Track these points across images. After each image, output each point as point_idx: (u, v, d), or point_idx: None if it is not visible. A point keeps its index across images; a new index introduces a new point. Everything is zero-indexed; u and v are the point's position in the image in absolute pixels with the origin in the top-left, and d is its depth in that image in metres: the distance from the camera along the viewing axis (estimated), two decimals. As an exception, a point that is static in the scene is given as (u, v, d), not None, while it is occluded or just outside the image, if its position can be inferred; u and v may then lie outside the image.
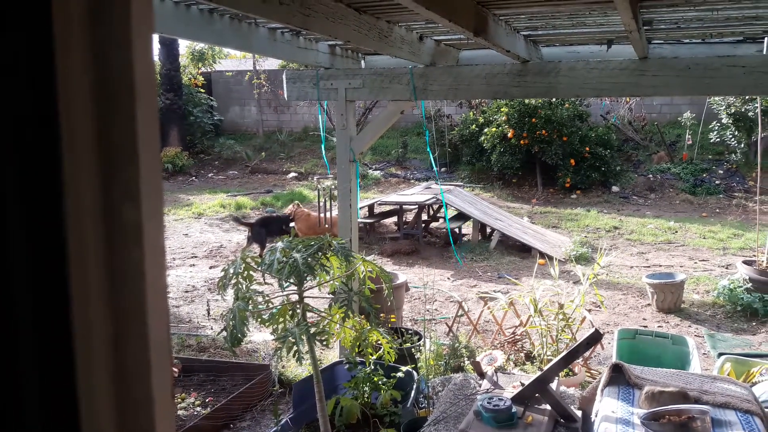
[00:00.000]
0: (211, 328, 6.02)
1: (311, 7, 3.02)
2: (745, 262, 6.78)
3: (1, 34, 0.36)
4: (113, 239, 0.40)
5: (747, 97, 11.93)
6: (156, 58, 17.72)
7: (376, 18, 3.63)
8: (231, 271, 3.02)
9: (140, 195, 0.39)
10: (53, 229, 0.38)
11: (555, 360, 2.98)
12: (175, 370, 4.45)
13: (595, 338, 2.96)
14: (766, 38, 4.09)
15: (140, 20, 0.39)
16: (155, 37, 21.00)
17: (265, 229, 8.60)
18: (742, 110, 12.45)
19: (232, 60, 21.80)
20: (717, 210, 11.75)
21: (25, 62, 0.37)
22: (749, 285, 6.38)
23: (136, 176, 0.39)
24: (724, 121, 13.06)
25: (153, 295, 0.42)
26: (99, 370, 0.41)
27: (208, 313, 6.42)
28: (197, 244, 9.61)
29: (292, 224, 8.54)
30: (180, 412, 4.17)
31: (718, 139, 13.52)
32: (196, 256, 8.90)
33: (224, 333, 2.84)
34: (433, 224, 10.20)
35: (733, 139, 13.21)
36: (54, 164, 0.37)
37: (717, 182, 13.12)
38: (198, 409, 4.21)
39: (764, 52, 4.09)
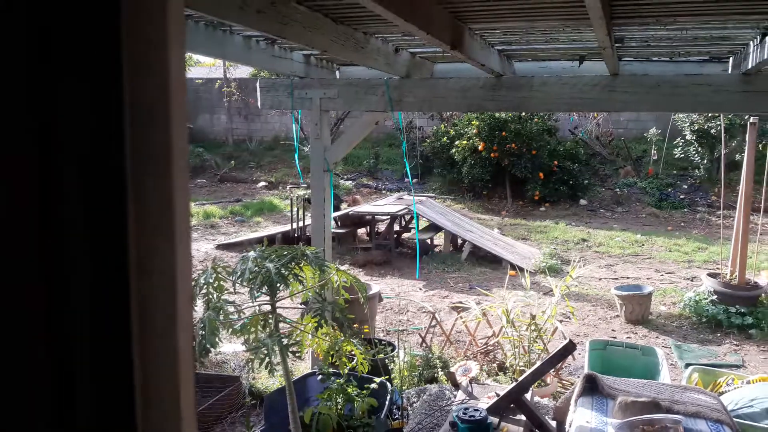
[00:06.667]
0: (180, 339, 5.90)
1: (288, 16, 3.01)
2: (710, 275, 6.95)
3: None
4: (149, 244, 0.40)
5: (710, 115, 12.28)
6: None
7: (353, 29, 3.64)
8: (201, 280, 2.96)
9: (174, 204, 0.39)
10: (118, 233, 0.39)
11: (530, 370, 3.00)
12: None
13: (570, 348, 2.99)
14: (731, 58, 4.22)
15: (175, 39, 0.39)
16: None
17: None
18: (705, 127, 12.81)
19: (202, 68, 21.60)
20: (682, 224, 12.03)
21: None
22: (714, 297, 6.53)
23: (170, 179, 0.39)
24: (688, 137, 13.42)
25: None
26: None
27: (177, 323, 6.30)
28: (165, 253, 9.44)
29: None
30: (147, 426, 4.07)
31: (683, 155, 13.87)
32: (164, 266, 8.74)
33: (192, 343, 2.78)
34: (405, 235, 10.22)
35: (696, 155, 13.57)
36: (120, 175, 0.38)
37: (681, 197, 13.44)
38: (166, 422, 4.11)
39: (729, 72, 4.21)
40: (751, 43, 3.58)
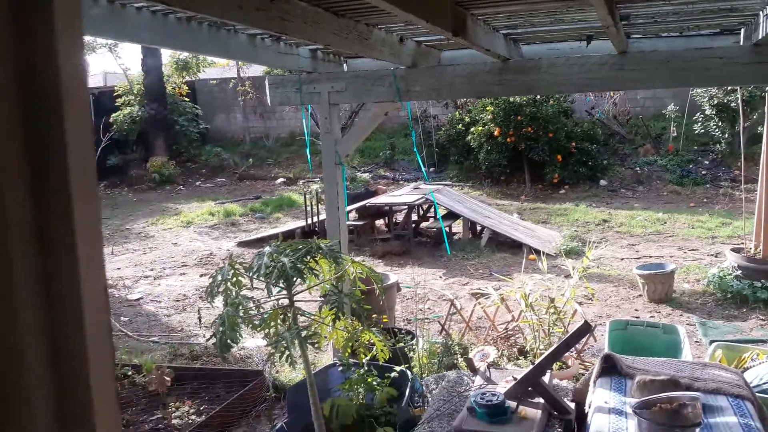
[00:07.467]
0: (203, 336, 6.00)
1: (288, 12, 3.03)
2: (734, 250, 6.84)
3: None
4: (45, 240, 0.40)
5: (729, 88, 12.03)
6: (139, 68, 17.66)
7: (356, 21, 3.64)
8: (219, 277, 3.01)
9: (72, 202, 0.40)
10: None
11: (545, 354, 3.00)
12: (167, 379, 4.43)
13: (584, 330, 2.98)
14: (742, 29, 4.14)
15: (66, 23, 0.39)
16: (137, 48, 20.74)
17: None
18: (725, 101, 12.56)
19: (216, 68, 21.74)
20: (704, 200, 11.84)
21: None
22: (738, 272, 6.43)
23: (66, 178, 0.39)
24: (707, 112, 13.17)
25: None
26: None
27: (200, 321, 6.39)
28: (187, 252, 9.58)
29: None
30: (174, 422, 4.15)
31: (703, 131, 13.62)
32: (186, 265, 8.87)
33: (213, 339, 2.84)
34: (424, 224, 10.21)
35: (717, 130, 13.32)
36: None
37: (703, 173, 13.22)
38: (193, 417, 4.20)
39: (741, 44, 4.13)
40: (761, 13, 3.51)
